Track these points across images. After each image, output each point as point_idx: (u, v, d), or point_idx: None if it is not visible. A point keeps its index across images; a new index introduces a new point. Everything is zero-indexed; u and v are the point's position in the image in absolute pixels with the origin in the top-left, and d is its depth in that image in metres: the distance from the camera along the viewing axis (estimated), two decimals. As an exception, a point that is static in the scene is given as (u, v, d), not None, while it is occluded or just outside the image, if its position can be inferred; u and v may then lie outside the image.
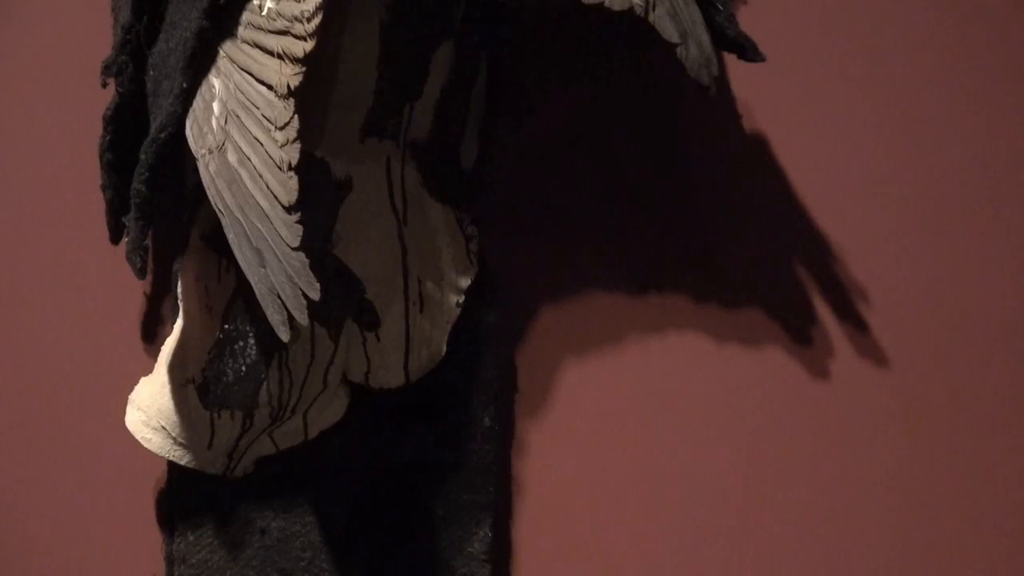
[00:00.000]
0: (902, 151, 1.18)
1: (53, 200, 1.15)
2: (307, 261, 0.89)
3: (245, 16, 0.94)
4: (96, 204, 1.05)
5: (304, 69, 0.92)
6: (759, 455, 1.16)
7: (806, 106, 1.18)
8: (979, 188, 1.18)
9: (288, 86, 0.91)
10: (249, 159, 0.91)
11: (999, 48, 1.18)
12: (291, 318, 0.89)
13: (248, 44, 0.94)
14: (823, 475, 1.16)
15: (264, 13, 0.93)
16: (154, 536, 1.13)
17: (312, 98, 1.03)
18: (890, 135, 1.18)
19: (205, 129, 0.94)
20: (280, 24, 0.92)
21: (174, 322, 1.08)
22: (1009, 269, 1.16)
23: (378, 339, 1.09)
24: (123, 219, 1.03)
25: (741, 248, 1.17)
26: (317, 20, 0.92)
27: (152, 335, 1.15)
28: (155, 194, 0.98)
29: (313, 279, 0.89)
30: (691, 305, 1.16)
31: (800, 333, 1.16)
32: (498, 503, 1.14)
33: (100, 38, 1.09)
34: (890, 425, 1.16)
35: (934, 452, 1.16)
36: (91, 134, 1.05)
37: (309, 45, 0.92)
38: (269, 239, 0.90)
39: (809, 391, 1.16)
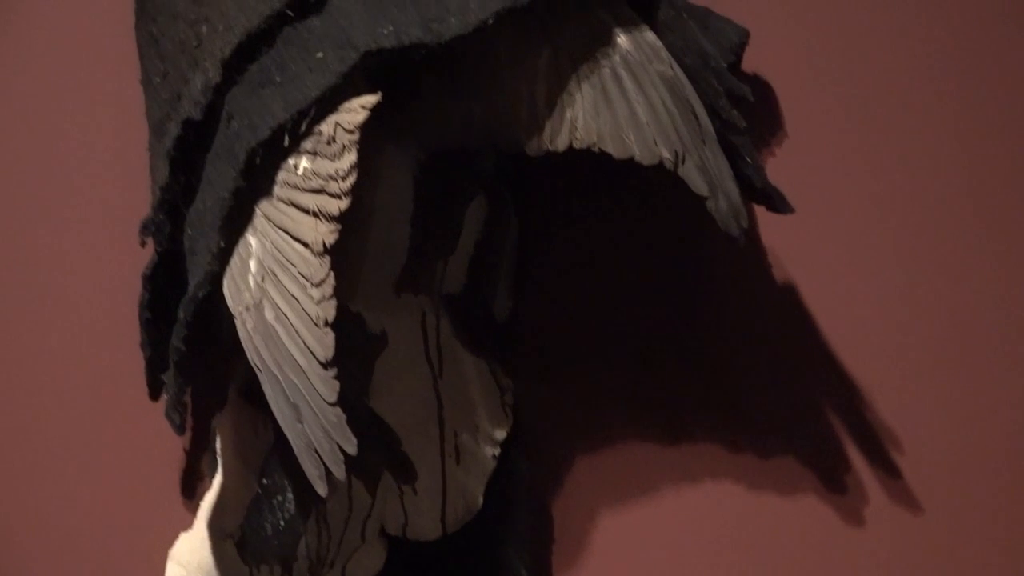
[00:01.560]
0: (930, 296, 1.18)
1: (92, 358, 1.16)
2: (343, 416, 0.89)
3: (280, 175, 0.94)
4: (135, 362, 1.06)
5: (339, 226, 0.92)
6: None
7: (834, 253, 1.18)
8: (1015, 336, 1.18)
9: (324, 243, 0.91)
10: (286, 316, 0.91)
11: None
12: (328, 472, 0.89)
13: (284, 202, 0.94)
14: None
15: (300, 172, 0.93)
16: None
17: (347, 254, 1.03)
18: (917, 282, 1.18)
19: (242, 287, 0.94)
20: (315, 183, 0.93)
21: (213, 477, 1.08)
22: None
23: (415, 491, 1.09)
24: (162, 376, 1.03)
25: (772, 396, 1.16)
26: (352, 179, 0.92)
27: (191, 490, 1.14)
28: (193, 352, 0.98)
29: (349, 433, 0.89)
30: (724, 453, 1.15)
31: (833, 481, 1.15)
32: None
33: (136, 196, 1.11)
34: (925, 573, 1.15)
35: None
36: (130, 292, 1.05)
37: (344, 203, 0.92)
38: (306, 394, 0.90)
39: (844, 540, 1.15)
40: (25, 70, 1.19)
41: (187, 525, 1.08)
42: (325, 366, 0.89)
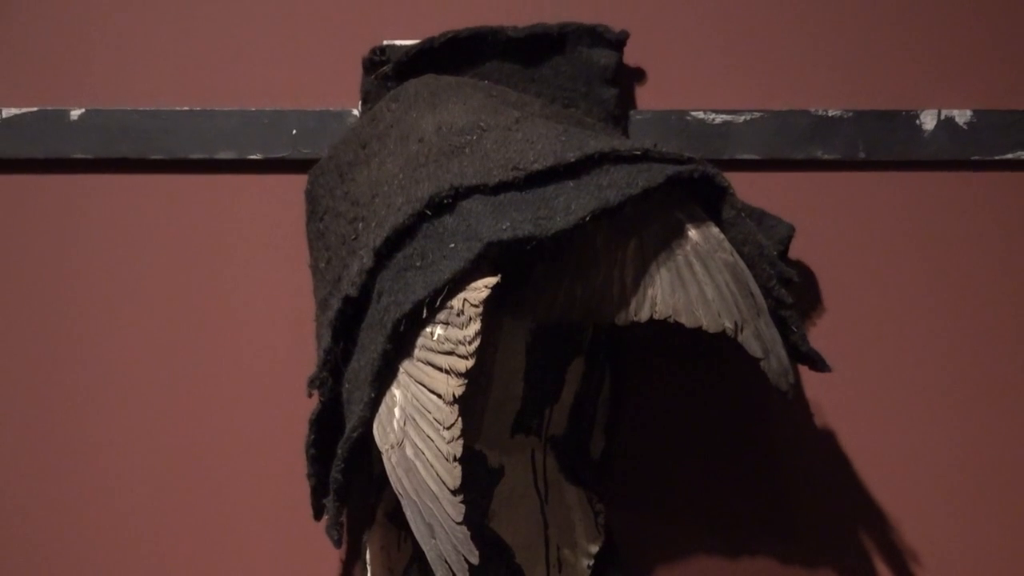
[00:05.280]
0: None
1: (267, 488, 1.25)
2: (468, 533, 0.98)
3: (420, 340, 1.03)
4: (302, 490, 1.15)
5: (466, 381, 1.01)
6: None
7: (865, 404, 1.25)
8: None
9: (453, 395, 1.00)
10: (423, 453, 1.00)
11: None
12: (457, 579, 0.98)
13: (422, 362, 1.03)
14: None
15: (435, 338, 1.02)
16: None
17: (472, 403, 1.12)
18: (934, 426, 1.26)
19: (388, 429, 1.03)
20: (447, 346, 1.02)
21: (363, 583, 1.16)
22: None
23: (529, 595, 1.15)
24: (323, 501, 1.11)
25: (816, 521, 1.24)
26: (476, 343, 1.01)
27: (346, 596, 1.22)
28: (349, 481, 1.07)
29: (473, 548, 0.98)
30: (777, 566, 1.23)
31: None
32: None
33: (304, 357, 1.19)
34: None
35: None
36: (297, 435, 1.14)
37: (470, 363, 1.01)
38: (438, 516, 0.99)
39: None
40: (228, 262, 1.28)
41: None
42: (454, 493, 0.99)
